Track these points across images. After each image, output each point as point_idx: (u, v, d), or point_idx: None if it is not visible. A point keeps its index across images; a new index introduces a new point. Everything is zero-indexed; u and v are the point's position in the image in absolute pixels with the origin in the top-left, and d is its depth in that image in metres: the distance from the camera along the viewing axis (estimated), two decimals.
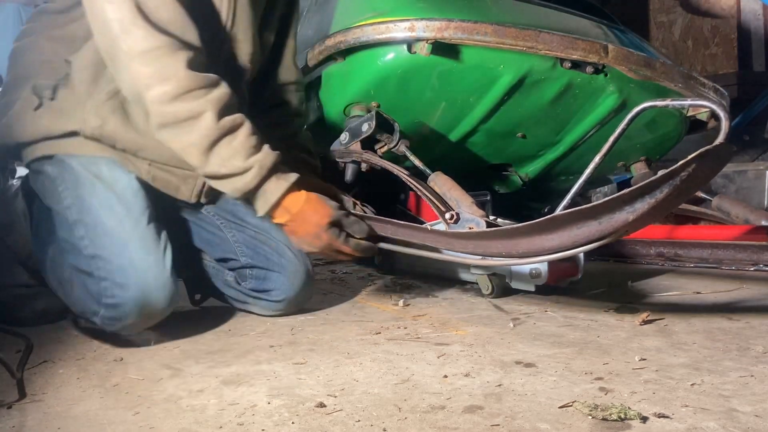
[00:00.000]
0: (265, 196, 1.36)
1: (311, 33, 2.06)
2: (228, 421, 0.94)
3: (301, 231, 1.41)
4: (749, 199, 2.73)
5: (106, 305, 1.32)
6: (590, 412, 0.91)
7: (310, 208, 1.39)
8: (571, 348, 1.25)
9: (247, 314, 1.64)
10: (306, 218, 1.39)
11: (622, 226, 1.15)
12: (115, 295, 1.30)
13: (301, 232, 1.41)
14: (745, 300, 1.66)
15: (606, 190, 3.01)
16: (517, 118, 1.93)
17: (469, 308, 1.63)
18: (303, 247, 1.46)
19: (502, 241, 1.37)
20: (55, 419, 0.97)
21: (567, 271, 1.72)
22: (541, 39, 1.70)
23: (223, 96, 1.29)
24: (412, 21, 1.68)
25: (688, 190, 1.16)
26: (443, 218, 1.51)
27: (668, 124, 2.04)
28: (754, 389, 0.99)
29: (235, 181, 1.34)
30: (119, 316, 1.32)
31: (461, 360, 1.19)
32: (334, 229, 1.41)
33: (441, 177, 1.64)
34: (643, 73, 1.81)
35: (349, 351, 1.28)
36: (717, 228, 2.10)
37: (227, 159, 1.31)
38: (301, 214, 1.38)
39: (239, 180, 1.33)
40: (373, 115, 1.72)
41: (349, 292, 1.90)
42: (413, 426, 0.90)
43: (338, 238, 1.42)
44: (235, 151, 1.31)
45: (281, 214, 1.39)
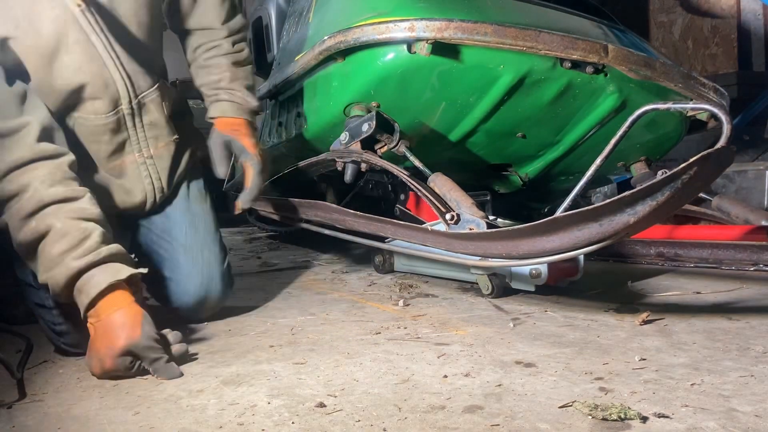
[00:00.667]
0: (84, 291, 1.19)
1: (311, 33, 2.06)
2: (228, 421, 0.94)
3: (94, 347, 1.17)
4: (749, 199, 2.73)
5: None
6: (590, 412, 0.91)
7: (101, 332, 1.17)
8: (571, 348, 1.25)
9: (247, 314, 1.64)
10: (97, 342, 1.17)
11: (623, 228, 1.15)
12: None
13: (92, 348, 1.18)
14: (745, 300, 1.66)
15: (606, 190, 3.01)
16: (517, 118, 1.93)
17: (469, 308, 1.63)
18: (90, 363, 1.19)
19: (503, 242, 1.37)
20: (55, 419, 0.97)
21: (567, 272, 1.72)
22: (541, 39, 1.70)
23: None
24: (412, 21, 1.68)
25: (689, 192, 1.16)
26: (443, 219, 1.51)
27: (668, 125, 2.04)
28: (754, 389, 0.99)
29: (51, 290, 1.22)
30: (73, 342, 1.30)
31: (461, 360, 1.19)
32: (125, 358, 1.15)
33: (441, 178, 1.63)
34: (643, 73, 1.81)
35: (349, 351, 1.28)
36: (717, 228, 2.10)
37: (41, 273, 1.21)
38: (95, 336, 1.18)
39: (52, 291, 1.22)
40: (373, 115, 1.72)
41: (349, 292, 1.90)
42: (413, 426, 0.90)
43: (129, 370, 1.15)
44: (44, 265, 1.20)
45: (93, 316, 1.19)
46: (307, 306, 1.72)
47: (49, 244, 1.19)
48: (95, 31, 1.36)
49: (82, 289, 1.18)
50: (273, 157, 2.39)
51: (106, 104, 1.42)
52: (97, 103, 1.41)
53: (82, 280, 1.18)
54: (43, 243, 1.20)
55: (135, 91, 1.45)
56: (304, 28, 2.16)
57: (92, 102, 1.41)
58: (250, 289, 2.01)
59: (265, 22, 2.81)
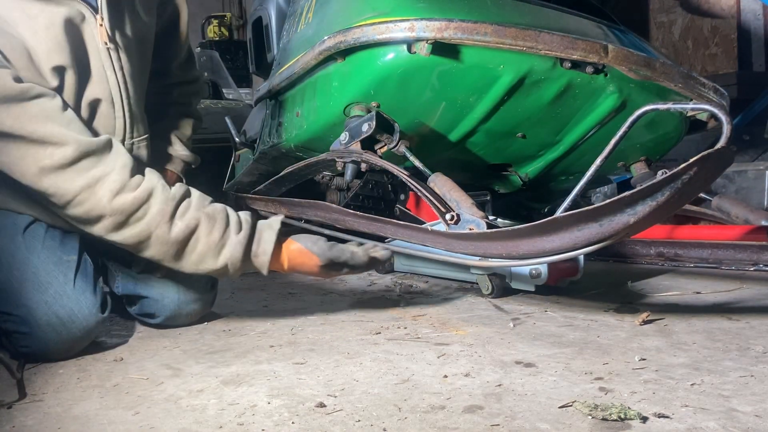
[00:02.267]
0: (257, 267, 1.40)
1: (311, 33, 2.06)
2: (228, 421, 0.94)
3: (304, 273, 1.47)
4: (749, 199, 2.73)
5: None
6: (590, 412, 0.91)
7: (298, 263, 1.43)
8: (571, 348, 1.25)
9: (247, 314, 1.64)
10: (299, 269, 1.44)
11: (623, 228, 1.15)
12: None
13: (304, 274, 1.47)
14: (745, 300, 1.66)
15: (606, 190, 3.01)
16: (517, 118, 1.92)
17: (469, 308, 1.63)
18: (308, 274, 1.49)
19: (503, 242, 1.37)
20: (55, 419, 0.97)
21: (567, 272, 1.72)
22: (541, 39, 1.70)
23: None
24: (412, 21, 1.68)
25: (689, 193, 1.16)
26: (443, 219, 1.51)
27: (668, 125, 2.04)
28: (754, 389, 1.00)
29: (219, 274, 1.39)
30: None
31: (461, 360, 1.19)
32: (327, 267, 1.44)
33: (441, 178, 1.63)
34: (643, 73, 1.81)
35: (349, 351, 1.28)
36: (717, 228, 2.10)
37: (199, 263, 1.35)
38: (294, 268, 1.44)
39: (222, 274, 1.38)
40: (373, 115, 1.72)
41: (349, 292, 1.90)
42: (413, 426, 0.90)
43: (338, 271, 1.46)
44: (202, 256, 1.34)
45: (279, 269, 1.43)
46: (307, 306, 1.72)
47: (205, 234, 1.33)
48: (114, 68, 1.40)
49: (258, 253, 1.38)
50: (273, 157, 2.39)
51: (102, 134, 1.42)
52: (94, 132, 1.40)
53: (255, 246, 1.38)
54: (196, 235, 1.32)
55: (132, 134, 1.46)
56: (304, 28, 2.16)
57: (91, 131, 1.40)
58: (250, 289, 2.01)
59: (265, 22, 2.81)
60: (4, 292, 1.30)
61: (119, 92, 1.41)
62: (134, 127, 1.46)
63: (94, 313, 1.31)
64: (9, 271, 1.31)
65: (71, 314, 1.28)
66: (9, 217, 1.37)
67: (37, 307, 1.28)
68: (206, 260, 1.34)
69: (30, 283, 1.29)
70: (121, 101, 1.42)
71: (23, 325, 1.27)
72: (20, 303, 1.28)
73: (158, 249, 1.31)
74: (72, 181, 1.24)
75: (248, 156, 2.76)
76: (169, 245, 1.31)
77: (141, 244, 1.31)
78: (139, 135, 1.48)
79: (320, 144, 2.00)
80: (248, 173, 2.66)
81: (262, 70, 2.91)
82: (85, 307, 1.31)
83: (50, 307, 1.28)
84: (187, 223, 1.31)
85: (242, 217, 1.40)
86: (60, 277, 1.32)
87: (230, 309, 1.69)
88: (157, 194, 1.30)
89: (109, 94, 1.40)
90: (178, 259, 1.33)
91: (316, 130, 2.00)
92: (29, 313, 1.27)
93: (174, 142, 1.68)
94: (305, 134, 2.06)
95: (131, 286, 1.51)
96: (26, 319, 1.27)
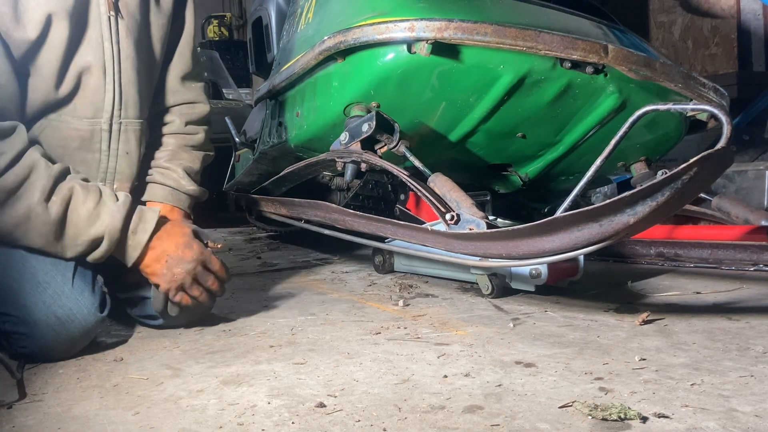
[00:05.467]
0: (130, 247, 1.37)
1: (311, 33, 2.06)
2: (228, 421, 0.94)
3: (170, 247, 1.39)
4: (749, 199, 2.73)
5: None
6: (590, 412, 0.91)
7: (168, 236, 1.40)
8: (571, 348, 1.25)
9: (247, 314, 1.64)
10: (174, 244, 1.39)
11: (623, 228, 1.15)
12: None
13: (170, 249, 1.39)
14: (745, 300, 1.66)
15: (606, 190, 3.01)
16: (517, 119, 1.93)
17: (469, 308, 1.63)
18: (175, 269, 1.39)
19: (503, 242, 1.37)
20: (55, 419, 0.97)
21: (567, 272, 1.72)
22: (541, 39, 1.70)
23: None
24: (412, 21, 1.68)
25: (689, 193, 1.16)
26: (443, 219, 1.51)
27: (668, 125, 2.04)
28: (754, 389, 1.00)
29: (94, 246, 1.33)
30: None
31: (461, 360, 1.19)
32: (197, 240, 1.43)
33: (441, 178, 1.63)
34: (643, 73, 1.81)
35: (349, 351, 1.28)
36: (717, 228, 2.10)
37: (76, 237, 1.31)
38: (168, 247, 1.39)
39: (97, 246, 1.33)
40: (373, 115, 1.72)
41: (349, 292, 1.90)
42: (413, 426, 0.90)
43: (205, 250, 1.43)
44: (78, 227, 1.30)
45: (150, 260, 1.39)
46: (307, 306, 1.72)
47: (80, 204, 1.30)
48: (111, 40, 1.40)
49: (137, 229, 1.35)
50: (273, 157, 2.39)
51: (88, 109, 1.41)
52: (79, 104, 1.40)
53: (135, 221, 1.35)
54: (72, 206, 1.29)
55: (120, 112, 1.44)
56: (304, 28, 2.16)
57: (75, 103, 1.40)
58: (250, 289, 2.01)
59: (265, 22, 2.82)
60: (3, 292, 1.30)
61: (113, 65, 1.41)
62: (123, 106, 1.44)
63: (92, 312, 1.31)
64: (7, 272, 1.31)
65: (70, 314, 1.28)
66: None
67: (36, 307, 1.27)
68: (83, 232, 1.30)
69: (28, 284, 1.29)
70: (113, 74, 1.41)
71: (22, 325, 1.27)
72: (19, 303, 1.28)
73: (40, 230, 1.27)
74: None
75: (248, 156, 2.77)
76: (49, 225, 1.28)
77: (21, 226, 1.27)
78: (128, 117, 1.46)
79: (320, 144, 2.00)
80: (248, 173, 2.66)
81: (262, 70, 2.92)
82: (84, 306, 1.30)
83: (49, 307, 1.28)
84: (62, 197, 1.28)
85: (120, 194, 1.37)
86: (58, 277, 1.31)
87: (230, 309, 1.69)
88: (39, 170, 1.27)
89: (102, 64, 1.40)
90: (58, 239, 1.30)
91: (316, 130, 2.01)
92: (28, 313, 1.27)
93: (176, 171, 1.58)
94: (305, 134, 2.06)
95: (134, 289, 1.51)
96: (25, 319, 1.27)
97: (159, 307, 1.43)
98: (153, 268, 1.38)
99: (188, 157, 1.63)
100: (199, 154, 1.66)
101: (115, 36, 1.41)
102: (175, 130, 1.63)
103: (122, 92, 1.44)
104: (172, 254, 1.38)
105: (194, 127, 1.65)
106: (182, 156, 1.62)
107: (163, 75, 1.62)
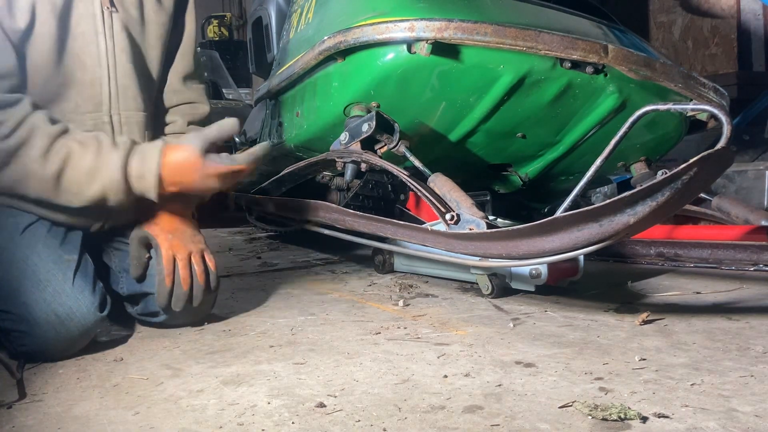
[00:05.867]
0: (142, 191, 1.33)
1: (311, 33, 2.06)
2: (228, 421, 0.94)
3: (194, 187, 1.36)
4: (749, 199, 2.73)
5: None
6: (590, 412, 0.91)
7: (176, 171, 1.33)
8: (571, 348, 1.25)
9: (247, 314, 1.64)
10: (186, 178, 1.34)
11: (623, 228, 1.15)
12: None
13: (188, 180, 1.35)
14: (745, 300, 1.66)
15: (606, 190, 3.01)
16: (517, 118, 1.93)
17: (469, 308, 1.63)
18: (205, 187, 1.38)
19: (503, 242, 1.37)
20: (55, 419, 0.97)
21: (567, 272, 1.72)
22: (541, 39, 1.70)
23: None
24: (412, 21, 1.68)
25: (689, 193, 1.16)
26: (443, 219, 1.51)
27: (668, 125, 2.04)
28: (754, 389, 1.00)
29: (102, 203, 1.32)
30: None
31: (461, 360, 1.19)
32: (208, 161, 1.34)
33: (441, 178, 1.64)
34: (643, 73, 1.81)
35: (349, 351, 1.28)
36: (717, 228, 2.10)
37: (78, 194, 1.31)
38: (182, 183, 1.35)
39: (105, 202, 1.32)
40: (373, 115, 1.72)
41: (349, 292, 1.90)
42: (413, 426, 0.90)
43: (219, 165, 1.35)
44: (78, 185, 1.30)
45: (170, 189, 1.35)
46: (307, 306, 1.72)
47: (77, 159, 1.28)
48: (104, 33, 1.41)
49: (143, 172, 1.31)
50: (273, 157, 2.39)
51: (88, 103, 1.42)
52: (79, 100, 1.41)
53: (135, 167, 1.31)
54: (69, 164, 1.28)
55: (119, 104, 1.45)
56: (304, 28, 2.16)
57: (76, 100, 1.41)
58: (250, 289, 2.01)
59: (265, 22, 2.82)
60: (3, 290, 1.30)
61: (106, 58, 1.42)
62: (122, 98, 1.45)
63: (92, 311, 1.31)
64: (8, 269, 1.31)
65: (70, 312, 1.28)
66: (11, 216, 1.37)
67: (36, 305, 1.28)
68: (84, 188, 1.30)
69: (29, 281, 1.29)
70: (107, 67, 1.42)
71: (22, 323, 1.27)
72: (19, 301, 1.28)
73: (38, 186, 1.29)
74: None
75: None
76: (46, 181, 1.28)
77: (20, 182, 1.29)
78: (128, 108, 1.47)
79: (320, 144, 2.00)
80: None
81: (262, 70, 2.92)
82: (84, 305, 1.30)
83: (49, 305, 1.28)
84: (60, 155, 1.28)
85: (120, 139, 1.34)
86: (59, 276, 1.31)
87: (230, 309, 1.69)
88: (39, 130, 1.28)
89: (97, 58, 1.41)
90: (59, 193, 1.30)
91: (316, 130, 2.01)
92: (28, 311, 1.27)
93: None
94: (305, 134, 2.06)
95: (137, 286, 1.51)
96: (25, 317, 1.27)
97: (163, 302, 1.43)
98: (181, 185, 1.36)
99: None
100: None
101: (109, 30, 1.42)
102: (177, 130, 1.64)
103: (118, 84, 1.44)
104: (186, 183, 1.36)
105: (195, 127, 1.65)
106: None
107: (165, 75, 1.62)
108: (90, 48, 1.40)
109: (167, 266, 1.43)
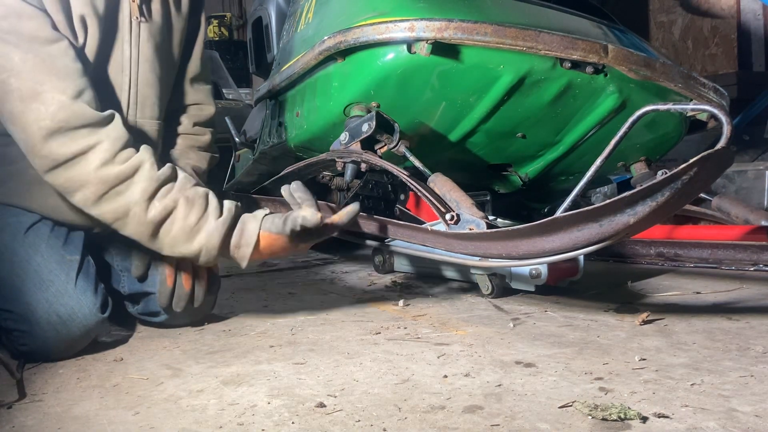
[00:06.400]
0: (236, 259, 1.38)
1: (311, 33, 2.06)
2: (228, 421, 0.94)
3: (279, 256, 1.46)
4: (749, 199, 2.73)
5: None
6: (590, 412, 0.91)
7: (272, 249, 1.38)
8: (571, 348, 1.25)
9: (247, 314, 1.64)
10: (275, 254, 1.40)
11: (623, 228, 1.15)
12: None
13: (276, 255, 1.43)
14: (745, 300, 1.66)
15: (606, 190, 3.01)
16: (517, 119, 1.92)
17: (469, 308, 1.63)
18: None
19: (503, 242, 1.37)
20: (55, 419, 0.97)
21: (567, 272, 1.72)
22: (541, 39, 1.70)
23: None
24: (412, 21, 1.68)
25: (689, 193, 1.16)
26: (443, 219, 1.51)
27: (668, 125, 2.04)
28: (754, 389, 1.00)
29: (194, 259, 1.36)
30: None
31: (461, 360, 1.19)
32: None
33: (441, 178, 1.63)
34: (643, 73, 1.81)
35: (349, 351, 1.28)
36: (717, 228, 2.10)
37: (173, 246, 1.33)
38: (271, 254, 1.40)
39: (196, 259, 1.36)
40: (373, 115, 1.72)
41: (349, 292, 1.90)
42: (413, 426, 0.90)
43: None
44: (176, 239, 1.32)
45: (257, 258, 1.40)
46: (307, 306, 1.72)
47: (182, 217, 1.31)
48: (131, 43, 1.43)
49: (240, 244, 1.35)
50: (273, 157, 2.39)
51: (107, 109, 1.42)
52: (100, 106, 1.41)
53: (237, 236, 1.35)
54: (172, 218, 1.30)
55: (136, 111, 1.46)
56: (304, 28, 2.16)
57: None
58: (250, 289, 2.01)
59: (265, 22, 2.81)
60: (5, 289, 1.30)
61: (130, 66, 1.43)
62: (140, 107, 1.46)
63: (94, 312, 1.31)
64: (10, 269, 1.31)
65: (71, 313, 1.28)
66: (14, 215, 1.37)
67: (38, 304, 1.28)
68: (180, 244, 1.32)
69: (31, 281, 1.30)
70: (129, 75, 1.43)
71: (23, 322, 1.27)
72: (21, 300, 1.28)
73: (135, 228, 1.30)
74: (65, 146, 1.24)
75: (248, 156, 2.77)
76: (144, 225, 1.30)
77: (118, 221, 1.30)
78: (144, 117, 1.47)
79: (320, 144, 2.00)
80: (248, 173, 2.66)
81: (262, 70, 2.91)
82: (86, 306, 1.31)
83: (51, 305, 1.28)
84: (164, 205, 1.30)
85: (226, 205, 1.37)
86: (62, 276, 1.32)
87: (230, 309, 1.69)
88: (144, 171, 1.29)
89: (121, 65, 1.42)
90: (153, 240, 1.32)
91: (316, 130, 2.00)
92: (29, 310, 1.27)
93: (190, 174, 1.57)
94: (305, 134, 2.06)
95: (138, 285, 1.51)
96: (26, 316, 1.27)
97: (164, 302, 1.44)
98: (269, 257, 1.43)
99: (196, 157, 1.65)
100: (206, 155, 1.68)
101: (135, 39, 1.43)
102: (182, 131, 1.64)
103: (138, 93, 1.45)
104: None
105: (201, 128, 1.67)
106: (190, 156, 1.63)
107: (178, 79, 1.63)
108: (115, 55, 1.41)
109: (169, 266, 1.44)
